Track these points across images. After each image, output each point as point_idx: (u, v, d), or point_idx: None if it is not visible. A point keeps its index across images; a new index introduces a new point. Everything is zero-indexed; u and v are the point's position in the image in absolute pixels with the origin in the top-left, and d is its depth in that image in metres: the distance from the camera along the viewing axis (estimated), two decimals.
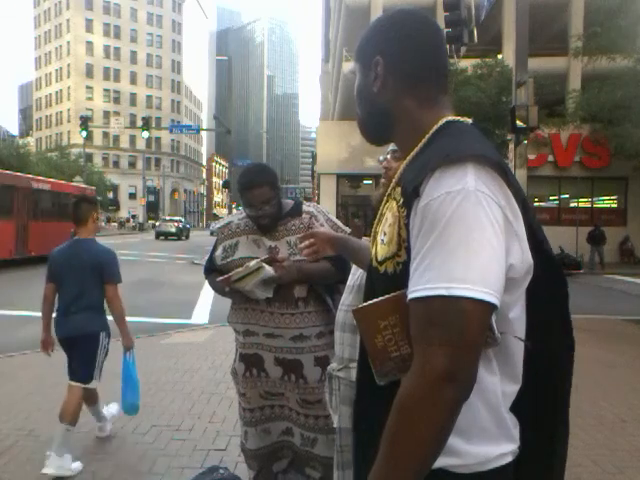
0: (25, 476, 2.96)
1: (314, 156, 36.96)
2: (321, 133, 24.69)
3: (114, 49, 77.30)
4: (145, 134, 28.80)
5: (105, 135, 71.29)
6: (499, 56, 19.88)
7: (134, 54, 79.04)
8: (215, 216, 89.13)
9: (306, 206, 2.35)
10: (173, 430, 3.66)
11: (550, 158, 20.04)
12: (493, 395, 0.90)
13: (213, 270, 2.38)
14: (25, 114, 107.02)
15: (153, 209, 67.41)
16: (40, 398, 4.29)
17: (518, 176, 9.01)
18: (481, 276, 0.79)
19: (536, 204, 20.67)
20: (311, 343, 2.21)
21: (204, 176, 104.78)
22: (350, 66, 21.97)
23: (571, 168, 20.00)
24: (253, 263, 2.07)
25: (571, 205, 20.38)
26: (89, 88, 74.57)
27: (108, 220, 55.74)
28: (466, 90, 15.30)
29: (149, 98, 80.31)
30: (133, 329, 7.13)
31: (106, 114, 71.83)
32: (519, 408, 0.96)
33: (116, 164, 74.69)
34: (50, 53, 78.37)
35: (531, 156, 16.60)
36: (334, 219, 2.38)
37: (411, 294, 0.83)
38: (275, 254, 2.18)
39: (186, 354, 5.71)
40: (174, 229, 35.77)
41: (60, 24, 76.20)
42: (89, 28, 74.90)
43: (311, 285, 2.23)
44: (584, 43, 14.10)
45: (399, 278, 0.90)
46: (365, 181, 22.22)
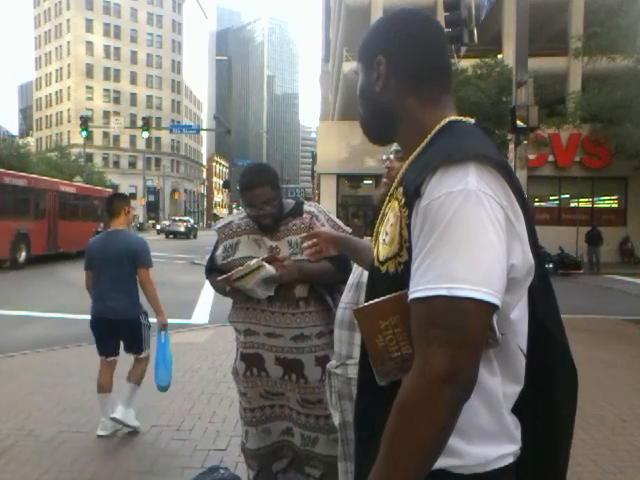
0: (25, 476, 2.96)
1: (314, 156, 36.96)
2: (321, 133, 24.69)
3: (114, 49, 77.27)
4: (145, 134, 28.77)
5: (105, 135, 71.22)
6: (499, 56, 19.87)
7: (134, 54, 79.02)
8: (215, 216, 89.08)
9: (307, 206, 2.35)
10: (173, 430, 3.66)
11: (550, 158, 20.04)
12: (494, 396, 0.90)
13: (214, 270, 2.38)
14: (25, 114, 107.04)
15: (153, 209, 67.41)
16: (40, 398, 4.28)
17: (518, 176, 8.99)
18: (482, 276, 0.79)
19: (536, 204, 20.66)
20: (312, 343, 2.21)
21: (204, 176, 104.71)
22: (350, 66, 21.99)
23: (571, 168, 19.99)
24: (254, 262, 2.07)
25: (571, 205, 20.38)
26: (89, 88, 74.55)
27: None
28: (466, 90, 15.30)
29: (149, 98, 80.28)
30: None
31: (106, 114, 71.78)
32: (520, 409, 0.95)
33: (116, 164, 74.64)
34: (50, 53, 78.35)
35: (531, 156, 16.60)
36: (335, 219, 2.38)
37: (412, 294, 0.83)
38: (276, 254, 2.18)
39: (186, 354, 5.70)
40: (183, 228, 38.46)
41: (60, 24, 76.17)
42: (89, 28, 74.88)
43: (312, 285, 2.23)
44: (584, 43, 14.09)
45: (400, 278, 0.89)
46: (365, 181, 22.23)
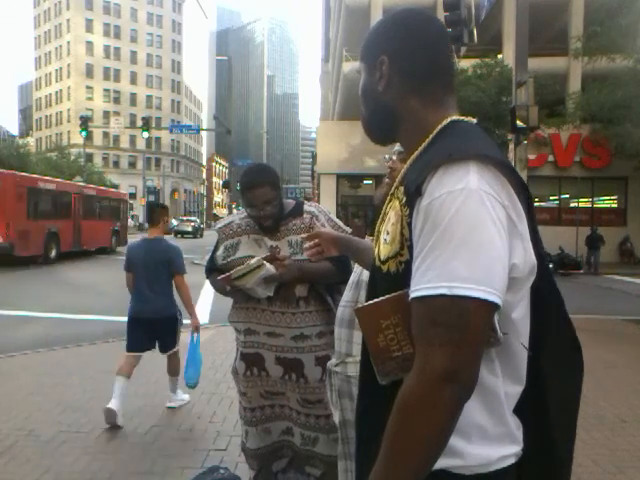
0: (25, 476, 2.96)
1: (314, 156, 36.95)
2: (321, 133, 24.68)
3: (114, 49, 77.19)
4: (145, 134, 28.72)
5: (105, 135, 71.14)
6: (499, 56, 19.87)
7: (134, 54, 78.95)
8: (215, 216, 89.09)
9: (307, 206, 2.35)
10: (173, 430, 3.66)
11: (550, 158, 20.03)
12: (495, 396, 0.90)
13: (214, 270, 2.38)
14: (25, 114, 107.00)
15: None
16: (40, 398, 4.28)
17: None
18: (483, 275, 0.79)
19: (536, 204, 20.45)
20: (312, 343, 2.21)
21: (204, 176, 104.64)
22: (350, 66, 22.00)
23: (571, 168, 19.99)
24: (254, 261, 2.07)
25: (571, 205, 20.36)
26: (89, 88, 74.47)
27: None
28: (466, 90, 15.31)
29: (149, 98, 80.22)
30: None
31: (106, 114, 71.72)
32: (522, 409, 0.95)
33: (116, 164, 74.57)
34: (50, 53, 78.28)
35: (531, 156, 16.58)
36: (335, 219, 2.38)
37: (413, 293, 0.83)
38: (276, 253, 2.18)
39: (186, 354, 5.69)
40: (190, 228, 41.00)
41: (60, 24, 76.12)
42: (89, 28, 74.82)
43: (312, 285, 2.23)
44: (584, 43, 14.08)
45: (402, 277, 0.89)
46: (365, 181, 22.23)
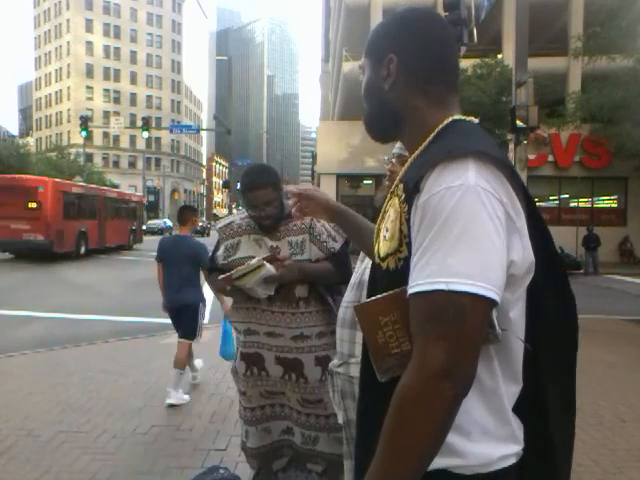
0: (25, 476, 2.96)
1: (314, 156, 36.92)
2: (321, 133, 24.68)
3: (114, 49, 77.18)
4: (145, 134, 28.75)
5: (105, 135, 71.15)
6: (499, 56, 19.87)
7: (134, 54, 78.93)
8: (215, 216, 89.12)
9: None
10: (173, 430, 3.66)
11: (550, 158, 20.03)
12: (495, 394, 0.89)
13: (215, 269, 2.39)
14: (25, 114, 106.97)
15: (153, 209, 67.34)
16: (40, 398, 4.28)
17: None
18: (481, 271, 0.79)
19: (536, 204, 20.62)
20: (311, 343, 2.21)
21: (204, 176, 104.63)
22: (350, 66, 21.97)
23: (571, 168, 19.99)
24: (254, 261, 2.07)
25: (571, 205, 20.35)
26: (89, 88, 74.45)
27: None
28: (466, 90, 15.30)
29: (149, 98, 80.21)
30: (133, 329, 7.18)
31: (106, 114, 71.69)
32: (521, 409, 0.95)
33: (116, 164, 74.56)
34: (50, 53, 78.27)
35: (531, 156, 16.59)
36: None
37: (411, 289, 0.83)
38: (276, 253, 2.18)
39: None
40: (199, 227, 42.76)
41: (60, 24, 76.10)
42: (89, 28, 74.80)
43: (312, 285, 2.23)
44: (584, 43, 14.09)
45: (401, 274, 0.89)
46: (365, 181, 22.23)
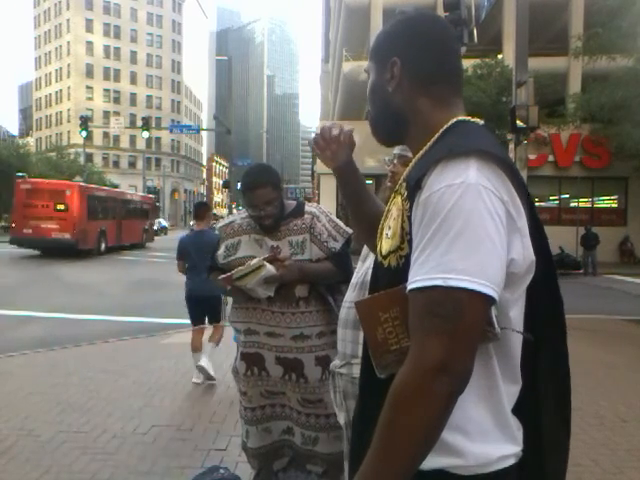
0: (25, 476, 2.96)
1: (314, 156, 36.95)
2: None
3: (114, 49, 77.12)
4: (145, 134, 28.68)
5: (105, 135, 71.06)
6: (499, 56, 19.87)
7: (134, 54, 78.87)
8: (215, 216, 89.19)
9: (308, 207, 2.36)
10: (173, 430, 3.66)
11: (550, 158, 20.02)
12: (495, 394, 0.89)
13: (215, 269, 2.39)
14: (25, 114, 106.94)
15: None
16: (40, 398, 4.28)
17: None
18: (479, 268, 0.79)
19: (536, 204, 20.30)
20: (312, 343, 2.21)
21: (204, 176, 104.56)
22: (350, 66, 22.05)
23: (571, 168, 19.98)
24: (254, 261, 2.08)
25: (571, 205, 20.34)
26: (89, 88, 74.39)
27: None
28: (466, 90, 15.31)
29: (149, 98, 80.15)
30: (133, 329, 7.18)
31: (106, 114, 71.58)
32: (520, 410, 0.94)
33: (116, 164, 74.50)
34: (50, 53, 78.21)
35: (531, 156, 16.57)
36: (336, 219, 2.38)
37: (410, 285, 0.83)
38: (277, 253, 2.18)
39: (186, 354, 5.68)
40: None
41: (60, 24, 76.05)
42: (89, 28, 74.73)
43: (313, 285, 2.23)
44: (584, 43, 14.08)
45: (402, 271, 0.89)
46: (365, 181, 22.19)
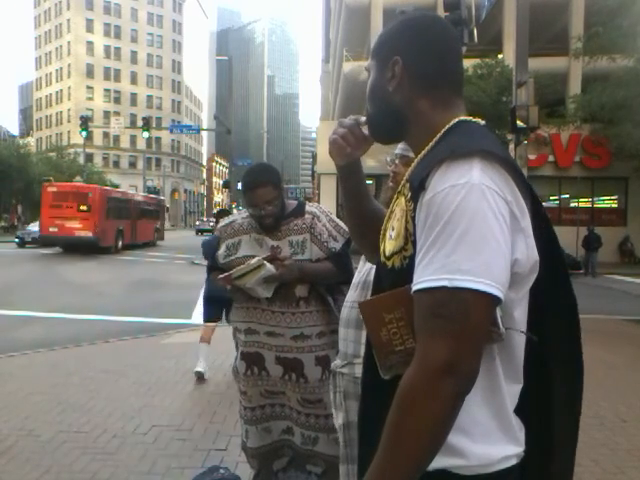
0: (25, 476, 2.95)
1: (314, 156, 36.94)
2: (321, 133, 24.69)
3: (114, 49, 77.16)
4: (145, 134, 28.74)
5: (105, 135, 71.04)
6: (499, 56, 19.89)
7: (134, 54, 78.91)
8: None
9: (309, 206, 2.36)
10: (173, 430, 3.65)
11: (550, 158, 20.04)
12: (498, 394, 0.89)
13: (215, 268, 2.39)
14: (25, 114, 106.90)
15: None
16: (40, 398, 4.28)
17: None
18: (484, 268, 0.79)
19: None
20: (312, 342, 2.21)
21: (204, 176, 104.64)
22: (350, 66, 22.05)
23: (571, 168, 19.99)
24: (254, 260, 2.08)
25: (571, 205, 20.37)
26: (89, 88, 74.43)
27: None
28: (466, 90, 15.29)
29: (149, 98, 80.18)
30: (133, 329, 7.18)
31: (106, 114, 71.62)
32: (524, 410, 0.95)
33: (116, 164, 74.54)
34: (50, 53, 78.24)
35: (531, 156, 16.58)
36: (336, 219, 2.38)
37: (415, 286, 0.83)
38: (277, 253, 2.18)
39: (186, 354, 5.69)
40: (209, 227, 46.22)
41: (60, 24, 76.07)
42: (89, 28, 74.77)
43: (313, 285, 2.23)
44: (584, 43, 14.09)
45: (406, 272, 0.89)
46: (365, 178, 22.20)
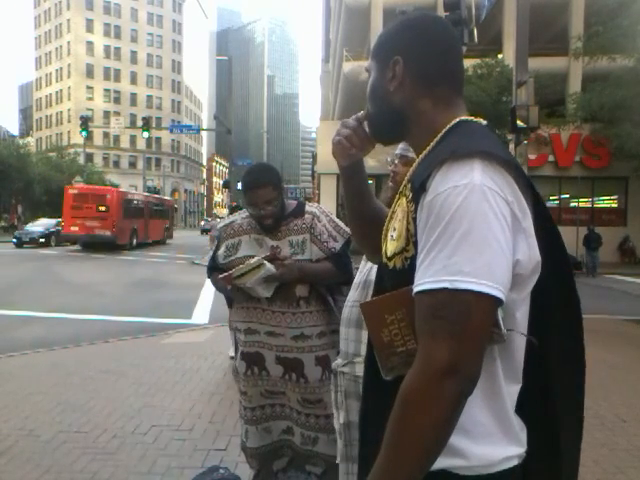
0: (25, 476, 2.95)
1: (314, 156, 36.96)
2: (321, 133, 24.70)
3: (114, 49, 77.18)
4: (145, 134, 28.74)
5: (105, 135, 71.06)
6: (499, 56, 19.89)
7: (134, 54, 78.93)
8: (215, 216, 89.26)
9: (309, 207, 2.36)
10: (173, 430, 3.65)
11: (550, 158, 20.05)
12: (498, 395, 0.89)
13: (216, 269, 2.39)
14: (25, 114, 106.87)
15: None
16: (40, 398, 4.28)
17: None
18: (486, 269, 0.79)
19: None
20: (312, 342, 2.21)
21: (204, 176, 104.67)
22: (350, 66, 22.04)
23: (571, 168, 20.00)
24: (254, 260, 2.08)
25: (571, 205, 20.36)
26: (89, 88, 74.45)
27: None
28: (466, 90, 15.24)
29: (149, 98, 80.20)
30: (133, 329, 7.18)
31: (106, 114, 71.66)
32: (526, 410, 0.94)
33: (116, 164, 74.56)
34: (50, 53, 78.26)
35: (531, 156, 16.59)
36: (336, 219, 2.38)
37: (416, 287, 0.83)
38: (277, 253, 2.18)
39: (186, 354, 5.70)
40: (208, 227, 48.41)
41: (60, 24, 76.09)
42: (89, 28, 74.80)
43: (313, 285, 2.23)
44: (584, 43, 14.10)
45: (407, 273, 0.89)
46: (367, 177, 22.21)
